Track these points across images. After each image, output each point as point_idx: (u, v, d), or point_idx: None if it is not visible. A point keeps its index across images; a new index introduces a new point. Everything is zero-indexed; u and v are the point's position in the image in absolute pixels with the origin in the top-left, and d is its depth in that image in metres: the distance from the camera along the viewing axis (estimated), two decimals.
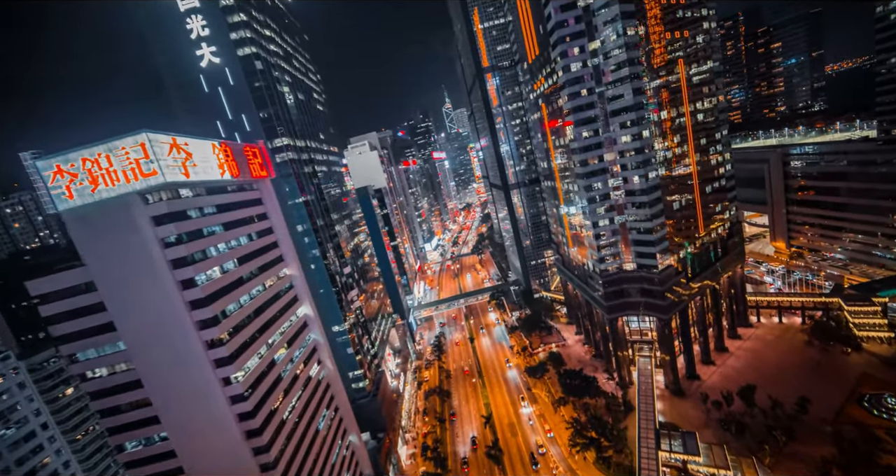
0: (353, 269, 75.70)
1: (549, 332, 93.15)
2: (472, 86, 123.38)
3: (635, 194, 62.91)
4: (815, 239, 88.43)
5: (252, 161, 48.29)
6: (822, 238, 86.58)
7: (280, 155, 61.06)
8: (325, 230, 67.27)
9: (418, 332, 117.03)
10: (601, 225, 66.85)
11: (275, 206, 52.48)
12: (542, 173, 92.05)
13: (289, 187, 61.58)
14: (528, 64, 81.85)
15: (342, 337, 65.76)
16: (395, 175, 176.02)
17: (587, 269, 75.09)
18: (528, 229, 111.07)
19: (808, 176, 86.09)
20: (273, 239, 51.26)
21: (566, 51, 62.60)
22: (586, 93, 63.34)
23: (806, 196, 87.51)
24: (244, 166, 46.44)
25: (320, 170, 71.84)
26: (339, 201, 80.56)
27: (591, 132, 64.42)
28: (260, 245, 47.62)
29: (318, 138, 74.69)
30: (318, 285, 64.31)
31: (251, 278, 43.94)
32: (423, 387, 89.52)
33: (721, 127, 70.11)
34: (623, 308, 68.32)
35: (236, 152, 45.12)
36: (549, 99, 73.59)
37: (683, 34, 64.21)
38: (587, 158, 65.33)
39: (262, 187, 51.22)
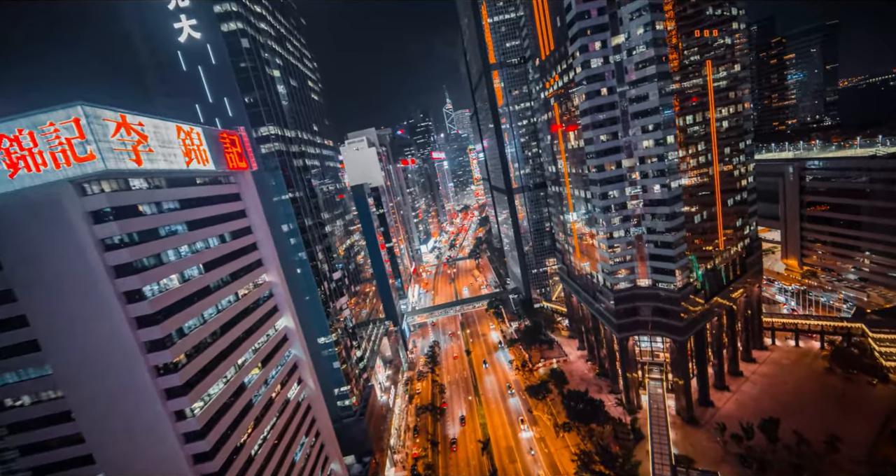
0: (343, 273, 68.94)
1: (551, 347, 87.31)
2: (478, 83, 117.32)
3: (655, 204, 57.25)
4: (829, 258, 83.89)
5: (229, 150, 41.42)
6: (837, 257, 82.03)
7: (266, 145, 54.15)
8: (314, 230, 60.46)
9: (411, 340, 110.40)
10: (615, 236, 61.08)
11: (256, 202, 45.63)
12: (548, 178, 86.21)
13: (275, 181, 54.71)
14: (540, 60, 75.95)
15: (328, 350, 58.95)
16: (394, 173, 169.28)
17: (596, 282, 69.31)
18: (529, 236, 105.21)
19: (827, 192, 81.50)
20: (251, 240, 44.41)
21: (586, 45, 56.76)
22: (606, 92, 57.55)
23: (823, 212, 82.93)
24: (219, 155, 39.57)
25: (312, 164, 65.00)
26: (333, 199, 73.76)
27: (610, 135, 58.65)
28: (234, 247, 40.77)
29: (311, 130, 67.84)
30: (304, 292, 57.45)
31: (221, 287, 37.08)
32: (416, 400, 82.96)
33: (745, 136, 64.94)
34: (635, 327, 62.62)
35: (209, 138, 38.25)
36: (563, 98, 67.72)
37: (712, 33, 58.80)
38: (603, 164, 59.54)
39: (240, 180, 44.35)
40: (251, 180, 45.42)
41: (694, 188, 58.94)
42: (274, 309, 46.08)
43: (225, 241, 39.58)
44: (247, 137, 44.87)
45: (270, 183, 54.69)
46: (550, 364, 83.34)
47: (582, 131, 61.79)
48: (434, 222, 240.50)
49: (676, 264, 56.91)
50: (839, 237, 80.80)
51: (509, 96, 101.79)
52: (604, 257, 63.01)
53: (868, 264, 76.33)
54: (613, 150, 58.93)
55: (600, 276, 66.55)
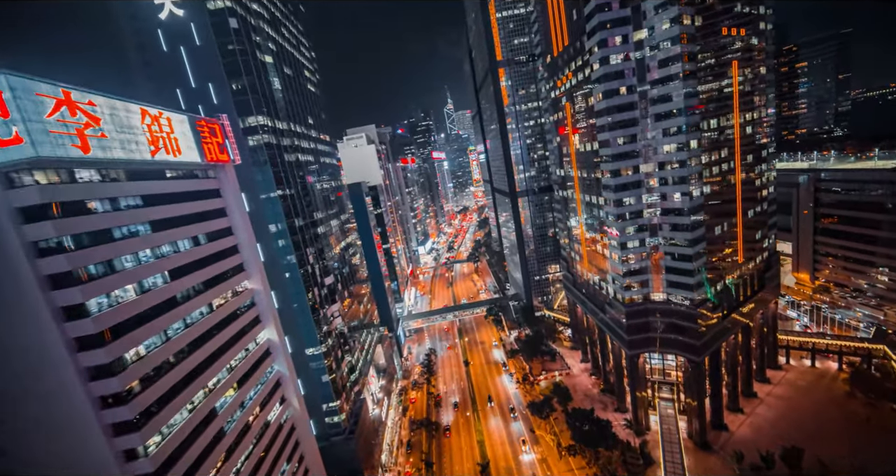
0: (336, 277, 63.77)
1: (553, 359, 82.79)
2: (483, 82, 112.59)
3: (674, 214, 52.85)
4: (843, 273, 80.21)
5: (208, 140, 36.20)
6: (851, 272, 78.35)
7: (253, 137, 48.88)
8: (306, 231, 55.28)
9: (406, 346, 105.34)
10: (629, 246, 56.59)
11: (238, 200, 40.43)
12: (555, 182, 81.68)
13: (262, 177, 49.44)
14: (551, 57, 71.33)
15: (317, 362, 53.78)
16: (393, 172, 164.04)
17: (605, 293, 64.82)
18: (532, 241, 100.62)
19: (843, 204, 77.79)
20: (232, 242, 39.20)
21: (605, 40, 52.21)
22: (625, 91, 53.05)
23: (838, 226, 79.22)
24: (195, 146, 34.35)
25: (306, 159, 59.77)
26: (328, 197, 68.54)
27: (627, 138, 54.17)
28: (211, 251, 35.57)
29: (305, 123, 62.59)
30: (292, 299, 52.24)
31: (190, 297, 31.90)
32: (410, 412, 77.97)
33: (768, 144, 60.84)
34: (647, 344, 58.18)
35: (183, 126, 33.02)
36: (577, 98, 63.14)
37: (740, 32, 54.54)
38: (619, 168, 55.04)
39: (221, 175, 39.11)
40: (234, 175, 40.20)
41: (714, 197, 54.58)
42: (255, 320, 40.90)
43: (199, 244, 34.37)
44: (230, 127, 39.66)
45: (258, 179, 49.42)
46: (552, 377, 78.83)
47: (597, 133, 57.27)
48: (432, 223, 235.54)
49: (695, 279, 52.54)
50: (854, 252, 77.07)
51: (515, 96, 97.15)
52: (616, 268, 58.51)
53: (884, 281, 72.68)
54: (631, 154, 54.45)
55: (610, 288, 62.06)
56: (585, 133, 62.14)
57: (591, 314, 73.21)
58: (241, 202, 40.71)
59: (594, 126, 58.04)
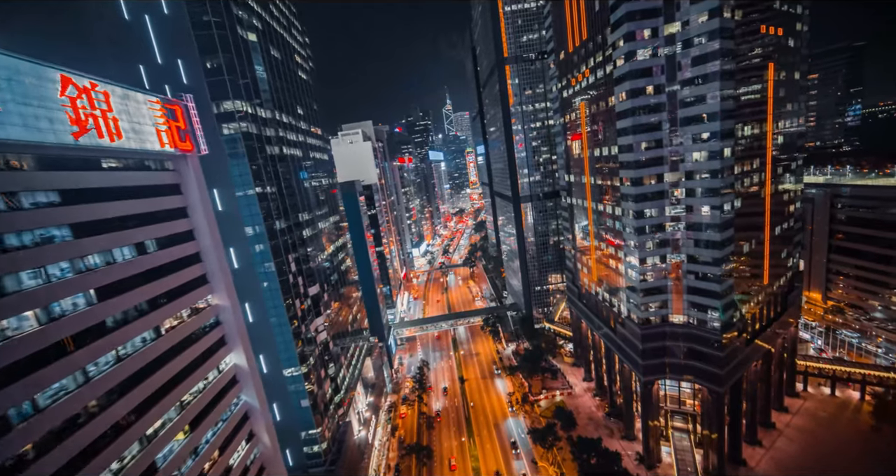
0: (323, 287, 56.79)
1: (554, 376, 76.92)
2: (487, 80, 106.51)
3: (701, 229, 47.31)
4: (856, 293, 76.12)
5: (166, 123, 29.16)
6: (866, 293, 74.24)
7: (230, 124, 41.81)
8: (288, 234, 48.29)
9: (397, 356, 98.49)
10: (649, 262, 50.92)
11: (204, 197, 33.39)
12: (563, 187, 75.90)
13: (238, 171, 42.36)
14: (565, 54, 65.54)
15: (296, 385, 46.79)
16: (389, 171, 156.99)
17: (616, 312, 59.14)
18: (534, 249, 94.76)
19: (861, 222, 73.62)
20: (193, 249, 32.18)
21: (633, 32, 46.49)
22: (652, 91, 47.38)
23: (854, 244, 75.09)
24: (145, 129, 27.31)
25: (292, 153, 52.76)
26: (317, 196, 61.53)
27: (652, 143, 48.50)
28: (162, 260, 28.56)
29: (294, 113, 55.54)
30: (269, 313, 45.18)
31: (129, 321, 24.89)
32: (399, 431, 71.23)
33: (798, 155, 55.96)
34: (663, 370, 52.60)
35: (128, 104, 25.98)
36: (594, 97, 57.38)
37: (777, 32, 49.39)
38: (642, 176, 49.34)
39: (182, 167, 32.06)
40: (198, 168, 33.14)
41: (743, 211, 49.24)
42: (220, 342, 33.89)
43: (146, 253, 27.32)
44: (196, 110, 32.60)
45: (233, 173, 42.31)
46: (553, 396, 72.99)
47: (617, 136, 51.51)
48: (428, 225, 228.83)
49: (722, 301, 47.05)
50: (870, 272, 72.98)
51: (522, 95, 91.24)
52: (632, 285, 52.79)
53: None
54: (655, 161, 48.80)
55: (624, 307, 56.35)
56: (602, 136, 56.40)
57: (597, 331, 67.55)
58: (208, 200, 33.67)
59: (614, 129, 52.31)
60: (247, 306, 44.53)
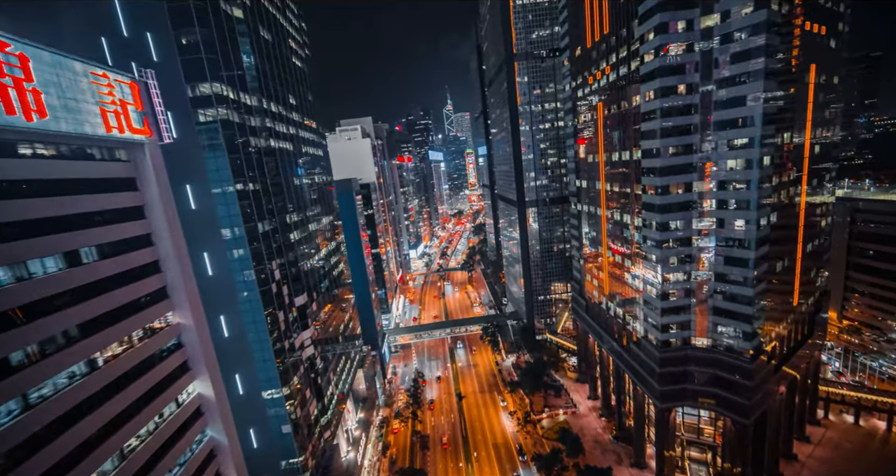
0: (311, 295, 51.08)
1: (557, 393, 71.87)
2: (494, 77, 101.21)
3: (733, 245, 42.41)
4: (875, 313, 72.05)
5: (113, 102, 23.38)
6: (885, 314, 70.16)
7: (207, 110, 35.99)
8: (273, 238, 42.57)
9: (391, 365, 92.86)
10: (672, 279, 45.96)
11: (167, 194, 27.62)
12: (573, 193, 70.87)
13: (216, 165, 36.54)
14: (583, 49, 60.48)
15: (276, 409, 41.08)
16: (388, 170, 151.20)
17: (630, 329, 54.21)
18: (538, 257, 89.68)
19: (882, 238, 69.52)
20: (150, 257, 26.48)
21: (665, 24, 41.46)
22: (684, 90, 42.39)
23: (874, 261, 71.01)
24: (83, 108, 21.54)
25: (281, 146, 46.99)
26: (308, 195, 55.82)
27: (681, 148, 43.53)
28: (104, 273, 22.82)
29: (285, 102, 49.75)
30: (248, 327, 39.40)
31: (47, 355, 19.12)
32: (391, 450, 65.65)
33: (832, 166, 51.46)
34: (682, 397, 47.70)
35: (59, 74, 20.20)
36: (615, 97, 52.34)
37: (821, 31, 44.70)
38: (668, 185, 44.34)
39: (139, 158, 26.29)
40: (160, 160, 27.35)
41: (776, 226, 44.46)
42: (181, 368, 28.18)
43: (79, 264, 21.58)
44: (157, 89, 26.84)
45: (210, 167, 36.49)
46: (556, 415, 67.92)
47: (641, 140, 46.49)
48: (426, 226, 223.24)
49: (752, 325, 42.23)
50: (889, 290, 68.92)
51: (531, 95, 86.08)
52: (652, 304, 47.81)
53: None
54: (683, 168, 43.83)
55: (640, 325, 51.41)
56: (622, 139, 51.36)
57: (606, 348, 62.58)
58: (171, 198, 27.91)
59: (637, 131, 47.31)
60: (222, 320, 38.77)
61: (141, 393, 24.57)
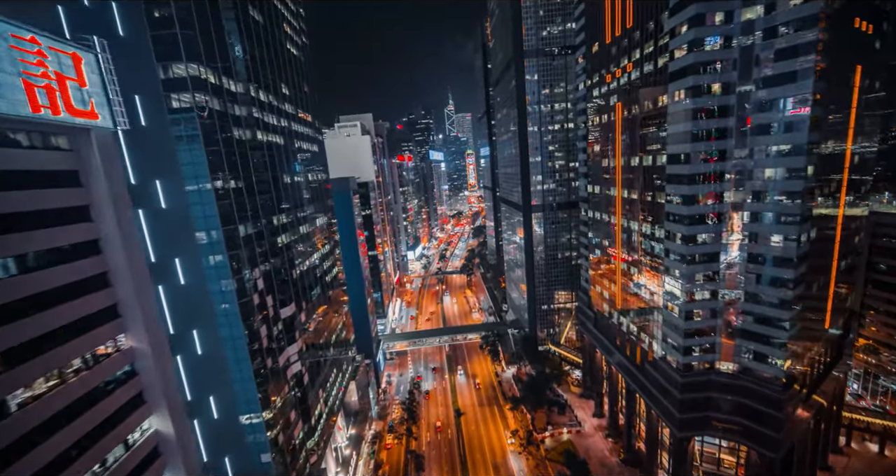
0: (300, 305, 46.20)
1: (561, 410, 67.47)
2: (502, 75, 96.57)
3: (767, 263, 38.13)
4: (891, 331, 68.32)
5: (47, 77, 18.44)
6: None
7: (181, 95, 31.03)
8: (257, 243, 37.70)
9: (385, 374, 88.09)
10: (696, 298, 41.64)
11: (120, 192, 22.73)
12: (583, 199, 66.49)
13: (191, 158, 31.59)
14: (600, 45, 56.07)
15: (255, 435, 36.23)
16: (388, 169, 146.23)
17: (645, 348, 49.91)
18: (542, 264, 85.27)
19: None
20: (97, 267, 21.66)
21: (702, 16, 37.08)
22: (719, 90, 38.04)
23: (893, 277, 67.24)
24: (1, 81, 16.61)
25: (270, 140, 42.08)
26: (300, 194, 50.96)
27: (713, 154, 39.17)
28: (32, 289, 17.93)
29: (276, 91, 44.79)
30: (225, 344, 34.50)
31: None
32: (384, 468, 60.93)
33: (869, 178, 47.43)
34: (703, 426, 43.44)
35: None
36: (636, 96, 47.93)
37: (868, 29, 40.51)
38: (696, 194, 39.99)
39: (83, 148, 21.34)
40: (113, 150, 22.45)
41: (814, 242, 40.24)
42: (135, 401, 23.32)
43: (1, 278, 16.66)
44: (111, 64, 21.94)
45: (184, 160, 31.55)
46: (560, 434, 63.55)
47: (667, 144, 42.11)
48: (425, 227, 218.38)
49: (786, 351, 38.01)
50: None
51: (540, 94, 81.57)
52: (673, 323, 43.49)
53: None
54: (714, 176, 39.48)
55: (658, 345, 47.11)
56: (644, 143, 46.98)
57: (615, 365, 58.26)
58: (126, 196, 23.03)
59: (661, 134, 42.95)
60: (194, 335, 33.83)
61: (77, 437, 19.72)
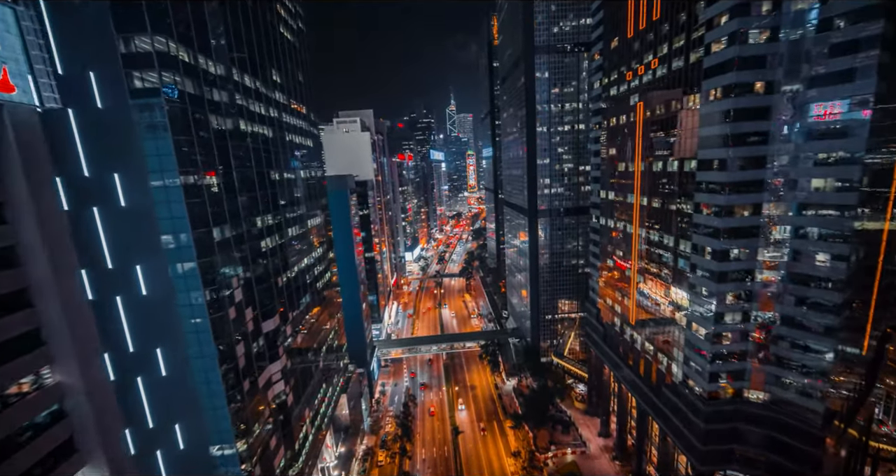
0: (286, 317, 41.35)
1: (566, 429, 63.09)
2: (510, 72, 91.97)
3: (811, 284, 33.85)
4: None
5: None
6: None
7: (146, 73, 26.12)
8: (236, 248, 32.85)
9: (379, 383, 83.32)
10: (727, 320, 37.31)
11: (45, 186, 17.92)
12: (596, 204, 62.13)
13: (157, 149, 26.68)
14: (621, 40, 51.70)
15: (228, 469, 31.31)
16: (387, 167, 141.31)
17: (663, 369, 45.58)
18: (546, 273, 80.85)
19: None
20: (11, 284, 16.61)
21: (746, 5, 32.72)
22: (762, 89, 33.69)
23: None
24: None
25: (255, 130, 37.21)
26: (290, 192, 46.13)
27: (753, 161, 34.86)
28: None
29: (264, 77, 39.87)
30: (195, 363, 29.61)
31: None
32: None
33: None
34: (728, 460, 39.15)
35: None
36: (661, 95, 43.54)
37: None
38: (733, 205, 35.62)
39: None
40: (37, 134, 17.56)
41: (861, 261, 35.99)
42: (63, 450, 18.43)
43: None
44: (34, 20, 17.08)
45: (149, 151, 26.63)
46: (563, 455, 59.19)
47: (698, 149, 37.75)
48: (423, 227, 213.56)
49: (828, 383, 33.77)
50: None
51: (549, 93, 77.11)
52: (698, 347, 39.13)
53: None
54: (752, 186, 35.17)
55: (677, 368, 42.78)
56: (669, 146, 42.60)
57: (626, 385, 53.93)
58: (52, 193, 18.31)
59: (693, 138, 38.58)
60: (158, 354, 28.95)
61: None
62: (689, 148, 39.50)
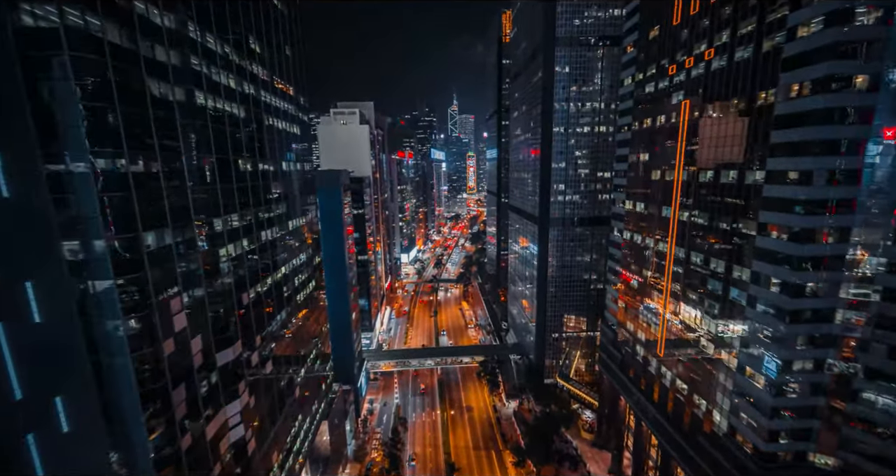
0: (250, 344, 33.15)
1: (573, 465, 55.72)
2: (525, 66, 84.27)
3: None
4: None
5: None
6: None
7: (39, 7, 17.74)
8: (182, 259, 24.70)
9: (367, 399, 75.27)
10: (795, 369, 30.13)
11: None
12: (618, 216, 54.89)
13: (63, 121, 18.32)
14: (663, 29, 44.41)
15: None
16: (387, 165, 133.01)
17: (701, 415, 38.34)
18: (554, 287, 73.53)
19: None
20: None
21: None
22: (865, 84, 26.52)
23: None
24: None
25: (220, 106, 28.97)
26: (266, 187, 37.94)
27: (841, 174, 27.64)
28: None
29: (238, 43, 31.62)
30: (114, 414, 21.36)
31: None
32: None
33: None
34: None
35: None
36: (715, 91, 36.27)
37: None
38: (813, 228, 28.41)
39: None
40: None
41: None
42: None
43: None
44: None
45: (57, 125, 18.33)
46: None
47: (768, 157, 30.51)
48: (421, 228, 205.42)
49: None
50: None
51: (568, 90, 69.72)
52: (754, 397, 31.94)
53: None
54: (839, 205, 27.96)
55: (722, 417, 35.57)
56: (721, 152, 35.34)
57: (647, 422, 46.74)
58: None
59: (756, 143, 31.37)
60: (58, 403, 20.63)
61: None
62: (749, 155, 32.30)
